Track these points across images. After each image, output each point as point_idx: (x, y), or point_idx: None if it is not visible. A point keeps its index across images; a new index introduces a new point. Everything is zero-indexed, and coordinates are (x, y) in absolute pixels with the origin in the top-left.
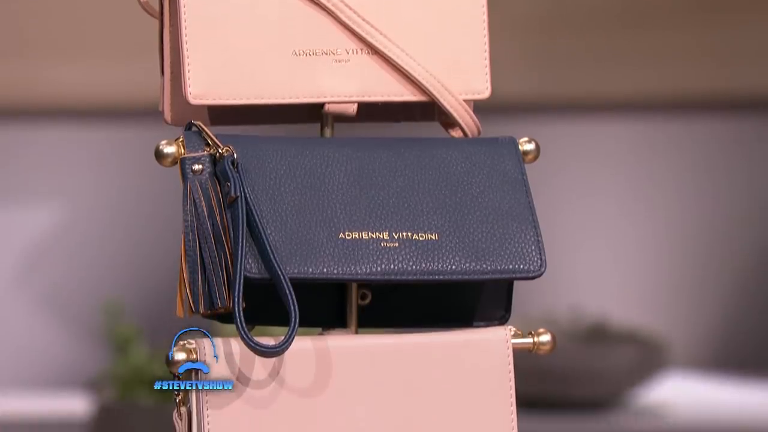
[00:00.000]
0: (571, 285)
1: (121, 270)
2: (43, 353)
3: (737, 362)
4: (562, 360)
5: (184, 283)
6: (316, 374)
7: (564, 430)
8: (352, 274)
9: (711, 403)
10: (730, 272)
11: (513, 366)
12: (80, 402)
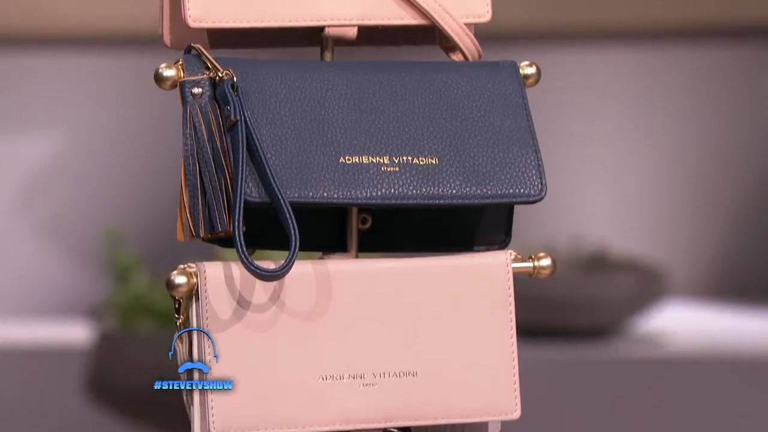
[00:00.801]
0: (571, 214)
1: (122, 198)
2: (44, 281)
3: (736, 290)
4: (562, 288)
5: (184, 207)
6: (316, 298)
7: (564, 358)
8: (353, 198)
9: (710, 331)
10: (730, 200)
11: (513, 290)
12: (81, 330)
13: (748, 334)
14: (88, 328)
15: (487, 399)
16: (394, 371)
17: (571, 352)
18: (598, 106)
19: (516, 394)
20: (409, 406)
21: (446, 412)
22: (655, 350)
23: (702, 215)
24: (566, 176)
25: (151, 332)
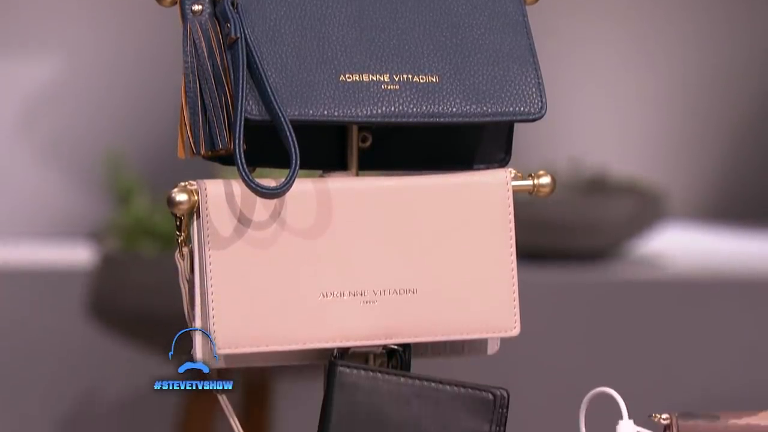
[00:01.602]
0: (571, 137)
1: (123, 122)
2: (46, 205)
3: (734, 212)
4: (561, 211)
5: (184, 125)
6: (316, 215)
7: (563, 280)
8: (353, 116)
9: (708, 253)
10: (729, 124)
11: (513, 208)
12: (83, 252)
13: (746, 256)
14: (90, 250)
15: (487, 316)
16: (394, 288)
17: (570, 274)
18: (598, 28)
19: (515, 311)
20: (409, 324)
21: (446, 329)
22: (654, 272)
23: (701, 138)
24: (566, 99)
25: (152, 254)
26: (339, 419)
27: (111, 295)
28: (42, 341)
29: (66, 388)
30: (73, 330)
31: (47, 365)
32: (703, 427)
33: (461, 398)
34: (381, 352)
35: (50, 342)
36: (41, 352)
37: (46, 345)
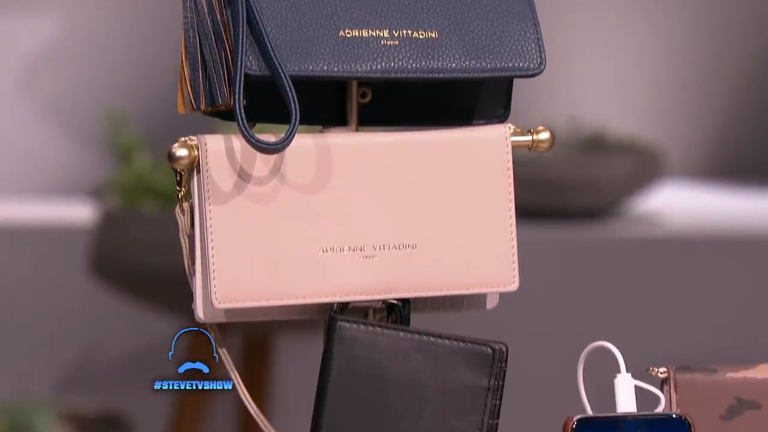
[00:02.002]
0: (569, 95)
1: (123, 80)
2: (47, 162)
3: (733, 170)
4: (560, 169)
5: (184, 80)
6: (316, 171)
7: (562, 238)
8: (352, 71)
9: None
10: (728, 81)
11: (512, 163)
12: (84, 209)
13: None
14: (91, 208)
15: (486, 271)
16: (393, 243)
17: (569, 232)
18: None
19: (514, 266)
20: (409, 278)
21: (445, 283)
22: (652, 230)
23: (700, 96)
24: (565, 56)
25: (152, 212)
26: (339, 373)
27: (112, 253)
28: (43, 298)
29: (67, 345)
30: (74, 287)
31: (48, 322)
32: (700, 380)
33: (460, 352)
34: (380, 307)
35: (51, 299)
36: (42, 309)
37: (47, 302)
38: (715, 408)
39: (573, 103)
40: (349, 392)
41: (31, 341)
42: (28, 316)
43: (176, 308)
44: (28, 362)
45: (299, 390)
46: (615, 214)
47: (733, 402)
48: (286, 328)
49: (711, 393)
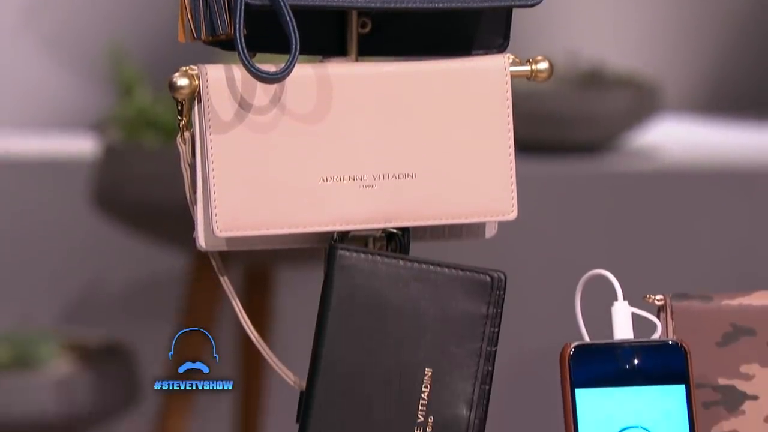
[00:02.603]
0: (568, 29)
1: (124, 13)
2: (48, 96)
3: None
4: (558, 104)
5: (185, 9)
6: (316, 100)
7: (560, 172)
8: (352, 1)
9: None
10: (726, 15)
11: (511, 93)
12: (86, 143)
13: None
14: (93, 142)
15: (485, 200)
16: (393, 173)
17: (567, 166)
18: None
19: (513, 195)
20: (408, 208)
21: (444, 212)
22: (650, 164)
23: (698, 31)
24: None
25: (154, 145)
26: (339, 301)
27: (113, 186)
28: (46, 231)
29: (70, 276)
30: (77, 220)
31: (52, 254)
32: (696, 307)
33: (459, 280)
34: (380, 236)
35: (54, 231)
36: (46, 241)
37: (50, 234)
38: (711, 334)
39: (571, 37)
40: (348, 320)
41: (35, 273)
42: (32, 248)
43: (177, 240)
44: (32, 294)
45: (300, 321)
46: (613, 149)
47: (729, 328)
48: (286, 260)
49: (707, 320)
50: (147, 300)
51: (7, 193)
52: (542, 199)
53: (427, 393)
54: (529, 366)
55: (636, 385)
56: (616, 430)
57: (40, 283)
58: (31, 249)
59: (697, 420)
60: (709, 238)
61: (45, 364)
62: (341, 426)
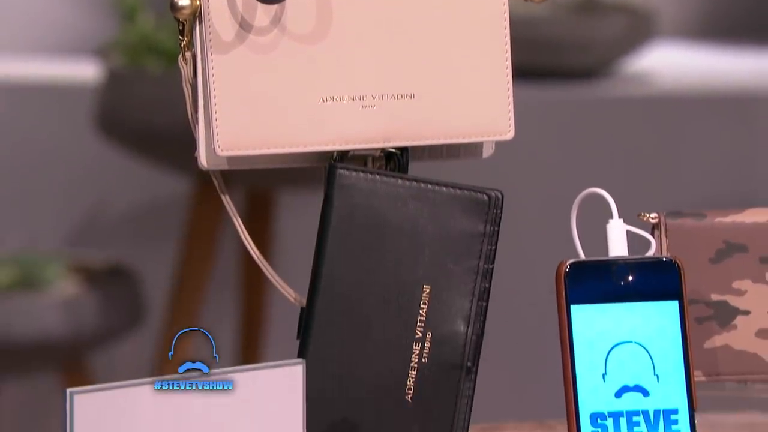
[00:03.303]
0: None
1: None
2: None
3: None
4: (554, 30)
5: None
6: (316, 21)
7: (556, 97)
8: None
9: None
10: None
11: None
12: (90, 68)
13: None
14: (96, 67)
15: (483, 120)
16: (392, 93)
17: (563, 92)
18: None
19: (510, 115)
20: (407, 127)
21: (443, 132)
22: (644, 89)
23: None
24: None
25: (156, 71)
26: (338, 220)
27: (116, 111)
28: (51, 155)
29: (75, 200)
30: (81, 144)
31: (57, 178)
32: (690, 224)
33: (457, 199)
34: (379, 156)
35: (59, 155)
36: (51, 165)
37: (55, 158)
38: (705, 251)
39: None
40: (348, 238)
41: (41, 196)
42: (38, 172)
43: (180, 164)
44: (38, 217)
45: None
46: (608, 74)
47: (722, 245)
48: (287, 185)
49: (700, 237)
50: (150, 223)
51: (13, 118)
52: (539, 122)
53: (426, 309)
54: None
55: (630, 301)
56: (611, 346)
57: (46, 206)
58: (36, 173)
59: (690, 335)
60: (702, 159)
61: (51, 285)
62: (341, 342)
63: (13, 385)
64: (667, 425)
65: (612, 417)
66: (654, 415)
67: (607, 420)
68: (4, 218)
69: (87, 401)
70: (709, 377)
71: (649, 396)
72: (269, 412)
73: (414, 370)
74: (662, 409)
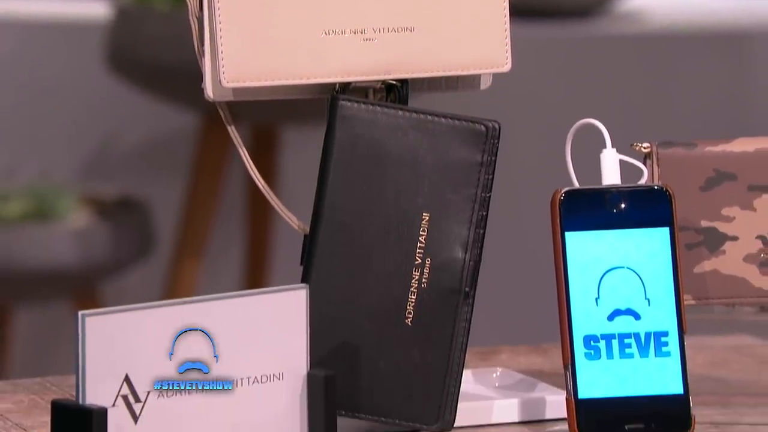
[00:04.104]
0: None
1: None
2: None
3: None
4: None
5: None
6: None
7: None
8: None
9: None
10: None
11: None
12: (99, 6)
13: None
14: (105, 5)
15: (480, 52)
16: (392, 27)
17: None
18: None
19: (507, 48)
20: (407, 60)
21: (442, 65)
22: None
23: None
24: None
25: (165, 8)
26: (340, 150)
27: (126, 48)
28: (64, 90)
29: (87, 134)
30: (93, 80)
31: (69, 112)
32: (681, 153)
33: (456, 130)
34: (380, 88)
35: (72, 91)
36: (63, 101)
37: (68, 94)
38: (695, 179)
39: None
40: (349, 168)
41: (54, 131)
42: (51, 107)
43: (188, 100)
44: (51, 150)
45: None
46: (603, 12)
47: (712, 173)
48: (291, 121)
49: (691, 165)
50: (159, 156)
51: (26, 54)
52: (536, 57)
53: (425, 237)
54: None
55: (623, 228)
56: (604, 271)
57: (59, 141)
58: (49, 108)
59: (680, 260)
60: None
61: (64, 216)
62: (343, 268)
63: (27, 312)
64: (657, 347)
65: (604, 339)
66: (645, 337)
67: (599, 342)
68: (19, 152)
69: (98, 323)
70: (699, 301)
71: (640, 319)
72: (274, 336)
73: (414, 295)
74: (653, 331)
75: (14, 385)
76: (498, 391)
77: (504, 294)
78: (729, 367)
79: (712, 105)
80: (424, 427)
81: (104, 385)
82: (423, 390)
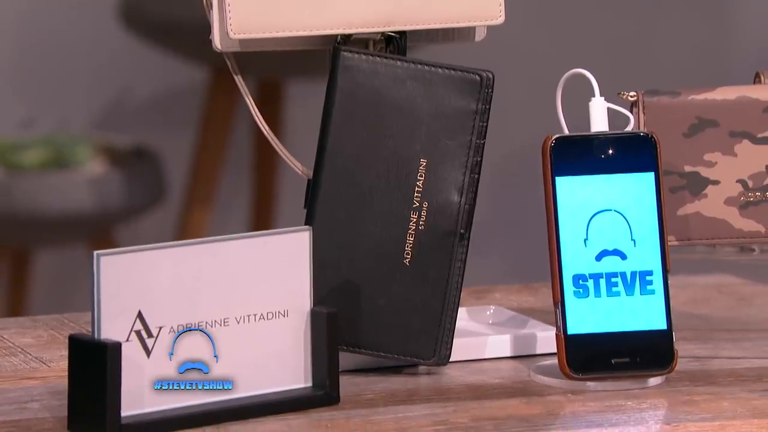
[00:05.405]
0: None
1: None
2: None
3: None
4: None
5: None
6: None
7: None
8: None
9: None
10: None
11: None
12: None
13: None
14: None
15: (475, 5)
16: None
17: None
18: None
19: (501, 2)
20: (406, 12)
21: (439, 17)
22: None
23: None
24: None
25: None
26: (342, 98)
27: (138, 3)
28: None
29: (101, 87)
30: (107, 35)
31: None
32: (665, 101)
33: (452, 79)
34: (380, 39)
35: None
36: (79, 55)
37: (82, 48)
38: (679, 126)
39: None
40: (351, 116)
41: (70, 83)
42: (67, 60)
43: (197, 55)
44: (67, 102)
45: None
46: None
47: (695, 120)
48: (296, 74)
49: (675, 113)
50: (171, 108)
51: (42, 10)
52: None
53: (422, 181)
54: (515, 157)
55: (610, 173)
56: (592, 214)
57: (75, 93)
58: (66, 61)
59: (664, 203)
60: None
61: (80, 164)
62: (344, 211)
63: (47, 254)
64: (642, 286)
65: (592, 278)
66: (631, 276)
67: (588, 281)
68: (37, 103)
69: (112, 262)
70: (682, 241)
71: (626, 259)
72: (279, 275)
73: (412, 236)
74: (638, 271)
75: (34, 321)
76: (491, 328)
77: (497, 236)
78: (710, 304)
79: (696, 54)
80: (421, 362)
81: (118, 321)
82: (420, 327)
